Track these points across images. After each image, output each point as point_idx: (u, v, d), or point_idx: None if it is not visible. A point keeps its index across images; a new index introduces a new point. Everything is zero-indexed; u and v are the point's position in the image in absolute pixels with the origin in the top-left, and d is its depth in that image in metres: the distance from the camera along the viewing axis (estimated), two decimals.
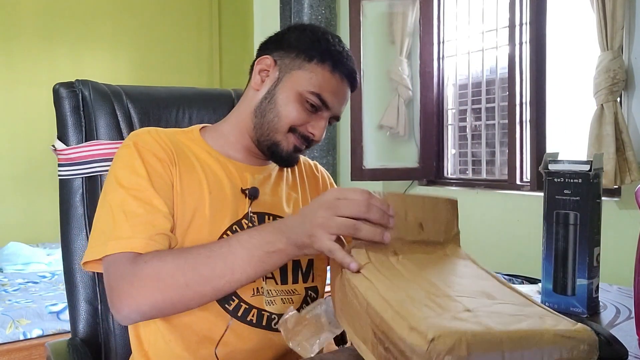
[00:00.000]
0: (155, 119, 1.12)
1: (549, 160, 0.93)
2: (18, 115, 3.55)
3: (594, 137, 2.10)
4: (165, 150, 0.91)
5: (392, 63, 3.11)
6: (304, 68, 0.94)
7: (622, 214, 2.14)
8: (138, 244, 0.82)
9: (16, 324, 2.04)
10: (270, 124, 0.95)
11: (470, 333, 0.50)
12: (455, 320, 0.53)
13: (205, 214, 0.90)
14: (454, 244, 0.76)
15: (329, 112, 0.96)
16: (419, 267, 0.66)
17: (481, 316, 0.55)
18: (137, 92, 1.14)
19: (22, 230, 3.49)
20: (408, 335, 0.52)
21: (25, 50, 3.57)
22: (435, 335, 0.49)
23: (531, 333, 0.53)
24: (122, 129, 1.09)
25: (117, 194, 0.86)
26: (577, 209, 0.89)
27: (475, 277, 0.68)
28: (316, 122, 0.95)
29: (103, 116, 1.08)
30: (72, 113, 1.08)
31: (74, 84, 1.09)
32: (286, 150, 0.96)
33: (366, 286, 0.62)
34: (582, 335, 0.56)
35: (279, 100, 0.95)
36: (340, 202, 0.72)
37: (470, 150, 3.00)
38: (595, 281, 0.92)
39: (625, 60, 2.11)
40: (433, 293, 0.60)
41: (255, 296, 0.90)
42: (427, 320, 0.52)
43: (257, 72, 0.98)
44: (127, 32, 3.92)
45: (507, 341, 0.52)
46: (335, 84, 0.95)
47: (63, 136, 1.07)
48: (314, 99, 0.93)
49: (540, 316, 0.58)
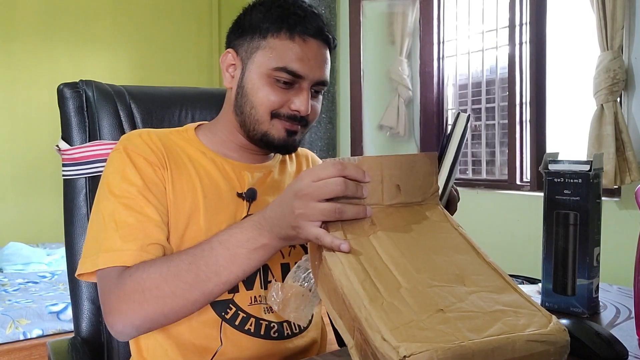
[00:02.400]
0: (158, 119, 1.12)
1: (549, 160, 0.93)
2: (18, 115, 3.55)
3: (594, 137, 2.11)
4: (156, 154, 0.88)
5: (392, 63, 3.12)
6: (262, 47, 0.88)
7: (622, 214, 2.14)
8: (128, 256, 0.80)
9: (16, 324, 2.04)
10: (250, 118, 0.90)
11: (441, 350, 0.51)
12: (425, 331, 0.53)
13: (200, 220, 0.86)
14: (433, 202, 0.73)
15: (307, 81, 0.87)
16: (395, 244, 0.65)
17: (452, 319, 0.55)
18: (140, 92, 1.14)
19: (22, 230, 3.49)
20: (381, 345, 0.53)
21: (25, 50, 3.57)
22: (407, 353, 0.50)
23: (503, 342, 0.53)
24: (125, 129, 1.10)
25: (109, 202, 0.84)
26: (577, 209, 0.89)
27: (453, 249, 0.67)
28: (296, 97, 0.88)
29: (106, 116, 1.09)
30: (75, 113, 1.08)
31: (77, 84, 1.10)
32: (278, 137, 0.90)
33: (340, 271, 0.62)
34: (555, 337, 0.55)
35: (249, 90, 0.89)
36: (316, 186, 0.67)
37: (470, 150, 3.00)
38: (595, 281, 0.92)
39: (625, 60, 2.11)
40: (402, 284, 0.60)
41: (253, 305, 0.88)
42: (398, 331, 0.53)
43: (224, 70, 0.94)
44: (127, 32, 3.92)
45: (479, 354, 0.52)
46: (299, 49, 0.86)
47: (67, 136, 1.08)
48: (282, 75, 0.86)
49: (514, 310, 0.58)
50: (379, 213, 0.69)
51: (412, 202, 0.72)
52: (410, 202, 0.72)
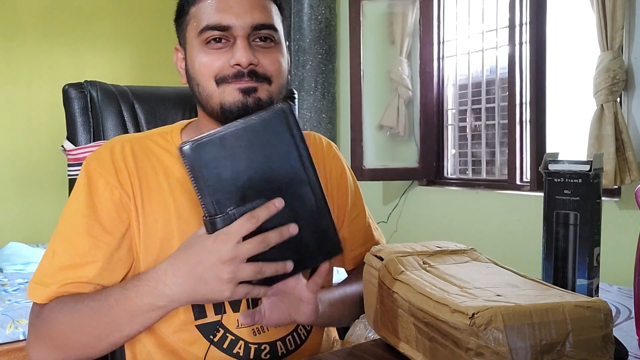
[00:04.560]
0: (161, 119, 1.13)
1: (549, 160, 0.93)
2: (18, 115, 3.55)
3: (594, 137, 2.11)
4: (121, 175, 0.83)
5: (392, 63, 3.12)
6: (189, 22, 0.83)
7: (622, 214, 2.14)
8: (48, 294, 0.79)
9: (16, 324, 2.04)
10: (202, 96, 0.83)
11: (503, 308, 0.60)
12: (489, 302, 0.63)
13: (174, 244, 0.81)
14: (475, 252, 0.85)
15: (238, 29, 0.79)
16: (447, 269, 0.76)
17: (510, 298, 0.64)
18: (143, 92, 1.15)
19: (22, 230, 3.49)
20: (451, 317, 0.62)
21: (25, 50, 3.57)
22: (474, 311, 0.59)
23: (555, 305, 0.63)
24: (129, 129, 1.10)
25: (59, 227, 0.83)
26: (577, 209, 0.89)
27: (499, 274, 0.76)
28: (233, 52, 0.80)
29: (110, 116, 1.10)
30: (80, 113, 1.09)
31: (82, 84, 1.11)
32: (233, 101, 0.80)
33: (405, 289, 0.71)
34: (598, 305, 0.64)
35: (190, 71, 0.84)
36: (244, 249, 0.66)
37: (470, 150, 3.00)
38: (595, 281, 0.92)
39: (625, 60, 2.11)
40: (465, 287, 0.69)
41: (242, 327, 0.84)
42: (465, 304, 0.62)
43: (178, 68, 0.89)
44: (128, 32, 3.92)
45: (535, 313, 0.61)
46: (219, 2, 0.80)
47: (72, 136, 1.09)
48: (206, 35, 0.80)
49: (560, 295, 0.67)
50: (428, 257, 0.80)
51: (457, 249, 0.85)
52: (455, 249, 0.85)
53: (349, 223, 1.01)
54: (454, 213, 2.92)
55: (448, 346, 0.63)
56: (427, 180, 3.13)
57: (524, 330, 0.59)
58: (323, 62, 3.56)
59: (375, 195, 3.32)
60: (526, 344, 0.59)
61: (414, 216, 3.17)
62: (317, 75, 3.55)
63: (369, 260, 0.82)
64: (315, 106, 3.56)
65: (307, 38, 3.52)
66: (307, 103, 3.53)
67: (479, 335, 0.59)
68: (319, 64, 3.55)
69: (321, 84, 3.56)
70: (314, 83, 3.54)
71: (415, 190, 3.18)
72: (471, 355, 0.60)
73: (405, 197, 3.22)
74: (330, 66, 3.60)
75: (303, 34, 3.51)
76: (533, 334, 0.60)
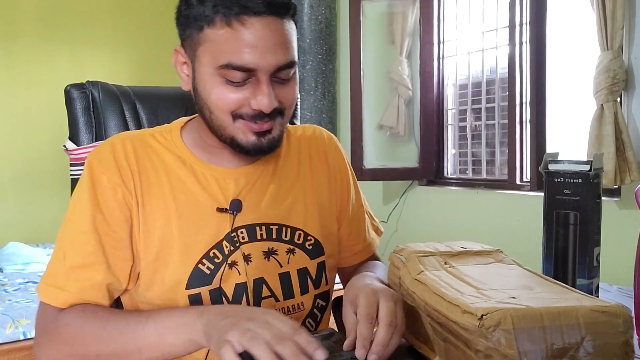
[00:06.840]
0: (163, 119, 1.13)
1: (549, 160, 0.93)
2: (18, 115, 3.55)
3: (594, 137, 2.11)
4: (123, 172, 0.82)
5: (392, 63, 3.12)
6: (201, 42, 0.76)
7: (622, 214, 2.14)
8: (67, 298, 0.79)
9: (16, 324, 2.04)
10: (213, 123, 0.80)
11: (513, 310, 0.59)
12: (500, 303, 0.62)
13: (173, 243, 0.81)
14: (501, 253, 0.84)
15: (262, 72, 0.75)
16: (467, 270, 0.76)
17: (523, 300, 0.63)
18: (145, 92, 1.15)
19: (22, 230, 3.49)
20: (461, 318, 0.61)
21: (25, 51, 3.56)
22: (484, 313, 0.59)
23: (568, 308, 0.61)
24: (131, 129, 1.11)
25: (66, 226, 0.82)
26: (577, 209, 0.90)
27: (520, 276, 0.75)
28: (255, 93, 0.76)
29: (112, 116, 1.10)
30: (82, 113, 1.10)
31: (84, 85, 1.12)
32: (246, 142, 0.79)
33: (422, 289, 0.71)
34: (616, 310, 0.61)
35: (202, 94, 0.79)
36: (270, 327, 0.64)
37: (470, 150, 3.00)
38: (595, 281, 0.92)
39: (625, 60, 2.11)
40: (481, 288, 0.68)
41: None
42: (476, 305, 0.61)
43: (178, 71, 0.83)
44: (127, 32, 3.91)
45: (547, 316, 0.59)
46: (242, 36, 0.73)
47: (74, 136, 1.10)
48: (229, 73, 0.74)
49: (577, 299, 0.65)
50: (451, 257, 0.80)
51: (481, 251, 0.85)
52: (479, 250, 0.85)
53: (351, 217, 1.01)
54: (454, 213, 2.92)
55: (460, 347, 0.63)
56: (427, 180, 3.13)
57: (534, 333, 0.58)
58: (323, 62, 3.56)
59: (375, 195, 3.32)
60: (536, 347, 0.58)
61: (414, 216, 3.17)
62: (317, 75, 3.55)
63: (392, 259, 0.83)
64: (316, 106, 3.56)
65: (307, 38, 3.52)
66: (307, 103, 3.53)
67: (487, 337, 0.58)
68: (319, 64, 3.55)
69: (321, 84, 3.56)
70: (314, 83, 3.54)
71: (415, 190, 3.18)
72: (480, 356, 0.59)
73: (405, 197, 3.22)
74: (330, 66, 3.60)
75: (303, 34, 3.51)
76: (544, 338, 0.59)
